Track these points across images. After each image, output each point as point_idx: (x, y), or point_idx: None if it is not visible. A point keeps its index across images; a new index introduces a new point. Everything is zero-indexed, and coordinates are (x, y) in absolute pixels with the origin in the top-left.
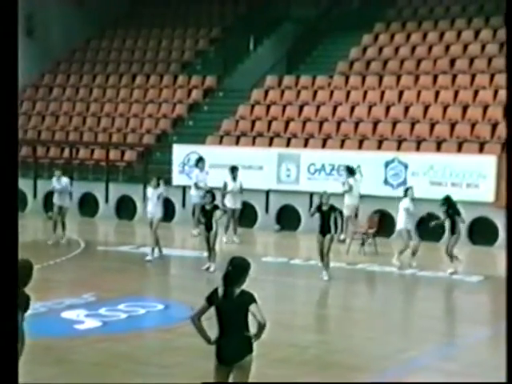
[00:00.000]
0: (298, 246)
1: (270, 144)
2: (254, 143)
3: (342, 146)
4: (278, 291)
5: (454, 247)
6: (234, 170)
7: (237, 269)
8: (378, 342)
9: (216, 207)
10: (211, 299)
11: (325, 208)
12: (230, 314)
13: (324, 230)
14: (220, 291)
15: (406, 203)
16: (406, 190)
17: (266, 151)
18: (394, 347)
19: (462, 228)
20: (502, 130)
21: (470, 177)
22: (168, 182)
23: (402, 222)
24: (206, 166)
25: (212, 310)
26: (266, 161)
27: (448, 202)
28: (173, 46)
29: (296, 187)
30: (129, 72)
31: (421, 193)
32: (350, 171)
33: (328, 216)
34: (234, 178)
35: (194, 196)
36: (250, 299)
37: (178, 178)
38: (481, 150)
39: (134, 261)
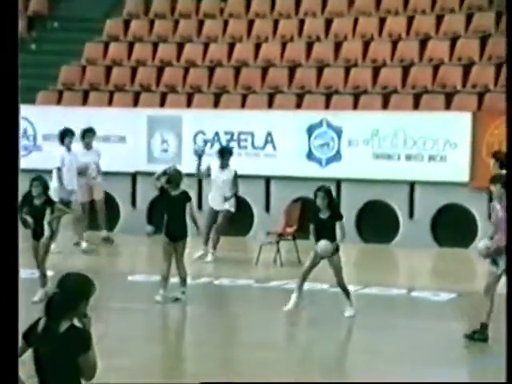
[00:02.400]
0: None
1: (136, 102)
2: (110, 101)
3: (243, 103)
4: (150, 326)
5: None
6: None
7: (65, 292)
8: None
9: (49, 202)
10: (28, 336)
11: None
12: (51, 358)
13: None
14: (41, 324)
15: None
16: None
17: (129, 113)
18: None
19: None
20: (479, 74)
21: (434, 146)
22: None
23: None
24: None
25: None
26: (130, 128)
27: (329, 196)
28: None
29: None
30: None
31: (360, 171)
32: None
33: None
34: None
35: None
36: (82, 341)
37: None
38: (448, 104)
39: None
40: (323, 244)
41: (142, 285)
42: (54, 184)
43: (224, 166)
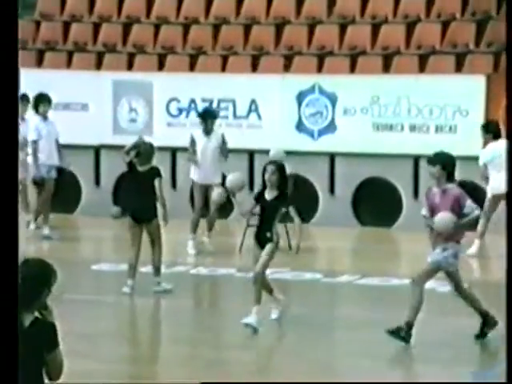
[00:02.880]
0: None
1: (99, 65)
2: (69, 63)
3: (223, 66)
4: (118, 322)
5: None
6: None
7: (25, 280)
8: None
9: None
10: None
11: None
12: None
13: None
14: None
15: None
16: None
17: (91, 77)
18: None
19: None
20: (495, 30)
21: (442, 114)
22: None
23: None
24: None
25: None
26: (93, 95)
27: (281, 173)
28: None
29: (148, 140)
30: None
31: (357, 144)
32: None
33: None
34: (208, 131)
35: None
36: (50, 336)
37: None
38: (459, 66)
39: None
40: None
41: (108, 274)
42: (29, 160)
43: (209, 131)
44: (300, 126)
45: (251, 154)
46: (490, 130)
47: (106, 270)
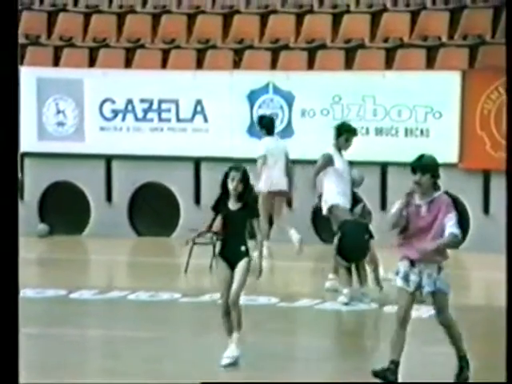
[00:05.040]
0: (86, 266)
1: (21, 59)
2: None
3: (164, 61)
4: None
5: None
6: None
7: None
8: None
9: None
10: None
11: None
12: None
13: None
14: None
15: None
16: None
17: None
18: None
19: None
20: (471, 21)
21: (412, 116)
22: None
23: None
24: None
25: None
26: None
27: (245, 180)
28: None
29: (79, 147)
30: None
31: (317, 150)
32: None
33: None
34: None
35: None
36: None
37: None
38: (430, 61)
39: None
40: None
41: (36, 302)
42: None
43: None
44: (252, 130)
45: (197, 162)
46: (264, 125)
47: (32, 296)
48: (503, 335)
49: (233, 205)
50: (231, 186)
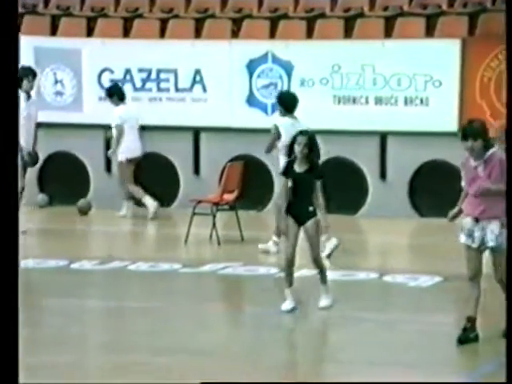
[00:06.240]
0: (87, 236)
1: (19, 27)
2: None
3: (162, 31)
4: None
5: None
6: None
7: None
8: None
9: None
10: None
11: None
12: None
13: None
14: None
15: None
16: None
17: None
18: None
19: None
20: None
21: (411, 85)
22: None
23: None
24: None
25: None
26: None
27: (311, 145)
28: None
29: (77, 116)
30: None
31: (316, 120)
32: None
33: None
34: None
35: None
36: None
37: None
38: (430, 29)
39: None
40: None
41: (37, 272)
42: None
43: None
44: (251, 100)
45: (196, 132)
46: (113, 93)
47: (33, 266)
48: None
49: (300, 167)
50: (297, 149)
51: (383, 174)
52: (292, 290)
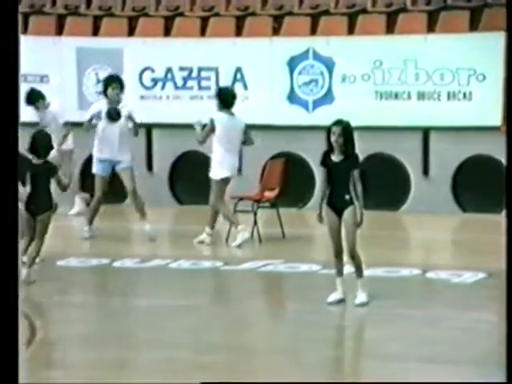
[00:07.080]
0: (129, 235)
1: (60, 29)
2: (25, 28)
3: (203, 29)
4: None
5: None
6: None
7: None
8: None
9: None
10: None
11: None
12: None
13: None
14: None
15: None
16: None
17: (51, 43)
18: None
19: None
20: None
21: (455, 79)
22: None
23: None
24: None
25: None
26: (54, 64)
27: (346, 134)
28: None
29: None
30: None
31: (358, 116)
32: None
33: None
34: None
35: None
36: None
37: None
38: (474, 22)
39: None
40: None
41: (79, 271)
42: None
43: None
44: (292, 97)
45: None
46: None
47: None
48: None
49: (336, 157)
50: (333, 139)
51: (426, 170)
52: (342, 280)
